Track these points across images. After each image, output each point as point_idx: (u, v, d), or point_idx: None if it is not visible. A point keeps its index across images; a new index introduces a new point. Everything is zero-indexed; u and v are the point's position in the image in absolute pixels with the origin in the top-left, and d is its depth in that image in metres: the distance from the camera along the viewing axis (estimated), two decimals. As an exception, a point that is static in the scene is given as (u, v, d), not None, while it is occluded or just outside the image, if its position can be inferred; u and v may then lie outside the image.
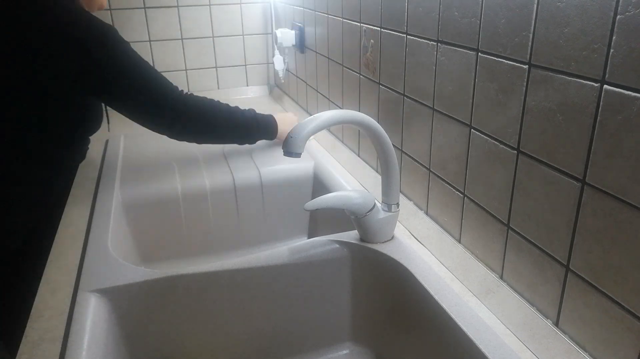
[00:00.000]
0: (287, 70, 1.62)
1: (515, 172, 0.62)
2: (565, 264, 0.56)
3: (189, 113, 1.07)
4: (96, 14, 1.04)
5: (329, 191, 1.01)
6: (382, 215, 0.79)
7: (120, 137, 1.34)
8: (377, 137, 0.73)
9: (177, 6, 1.63)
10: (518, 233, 0.63)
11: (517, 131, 0.60)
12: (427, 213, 0.85)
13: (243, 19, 1.71)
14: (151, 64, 1.07)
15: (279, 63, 1.62)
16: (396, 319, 0.78)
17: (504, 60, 0.61)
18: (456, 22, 0.69)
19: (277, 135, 1.23)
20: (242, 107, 1.17)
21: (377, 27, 0.93)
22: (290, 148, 0.66)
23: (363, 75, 1.02)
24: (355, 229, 0.83)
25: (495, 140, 0.65)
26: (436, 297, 0.67)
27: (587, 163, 0.51)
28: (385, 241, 0.81)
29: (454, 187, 0.76)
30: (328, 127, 0.69)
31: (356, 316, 0.86)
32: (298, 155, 0.66)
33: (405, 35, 0.84)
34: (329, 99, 1.25)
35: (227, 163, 1.16)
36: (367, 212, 0.77)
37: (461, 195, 0.74)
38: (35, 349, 0.63)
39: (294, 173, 1.15)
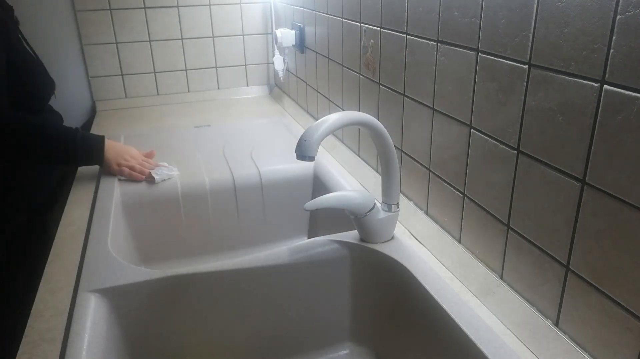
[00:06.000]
0: (287, 70, 1.62)
1: (515, 171, 0.62)
2: (565, 264, 0.56)
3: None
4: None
5: (329, 191, 1.01)
6: (382, 215, 0.79)
7: (121, 137, 1.34)
8: (380, 138, 0.74)
9: (177, 6, 1.63)
10: (518, 233, 0.63)
11: (517, 131, 0.60)
12: (427, 213, 0.85)
13: (243, 19, 1.71)
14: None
15: (279, 63, 1.62)
16: (396, 319, 0.78)
17: (504, 60, 0.61)
18: (456, 22, 0.69)
19: (103, 161, 1.07)
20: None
21: (377, 27, 0.93)
22: (304, 152, 0.66)
23: (363, 75, 1.02)
24: (355, 229, 0.83)
25: (495, 140, 0.65)
26: (436, 297, 0.67)
27: (587, 163, 0.51)
28: (385, 241, 0.81)
29: (453, 187, 0.76)
30: (338, 128, 0.70)
31: (356, 316, 0.86)
32: (312, 158, 0.66)
33: (405, 35, 0.84)
34: (329, 99, 1.25)
35: (227, 163, 1.16)
36: (367, 212, 0.77)
37: (461, 195, 0.74)
38: (35, 349, 0.63)
39: (294, 173, 1.15)
